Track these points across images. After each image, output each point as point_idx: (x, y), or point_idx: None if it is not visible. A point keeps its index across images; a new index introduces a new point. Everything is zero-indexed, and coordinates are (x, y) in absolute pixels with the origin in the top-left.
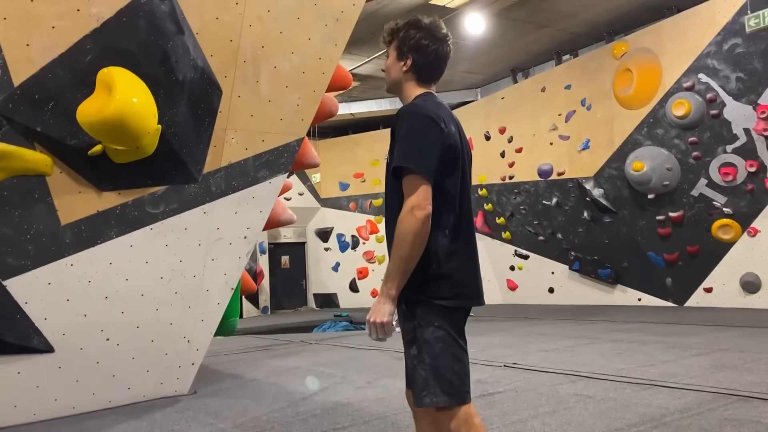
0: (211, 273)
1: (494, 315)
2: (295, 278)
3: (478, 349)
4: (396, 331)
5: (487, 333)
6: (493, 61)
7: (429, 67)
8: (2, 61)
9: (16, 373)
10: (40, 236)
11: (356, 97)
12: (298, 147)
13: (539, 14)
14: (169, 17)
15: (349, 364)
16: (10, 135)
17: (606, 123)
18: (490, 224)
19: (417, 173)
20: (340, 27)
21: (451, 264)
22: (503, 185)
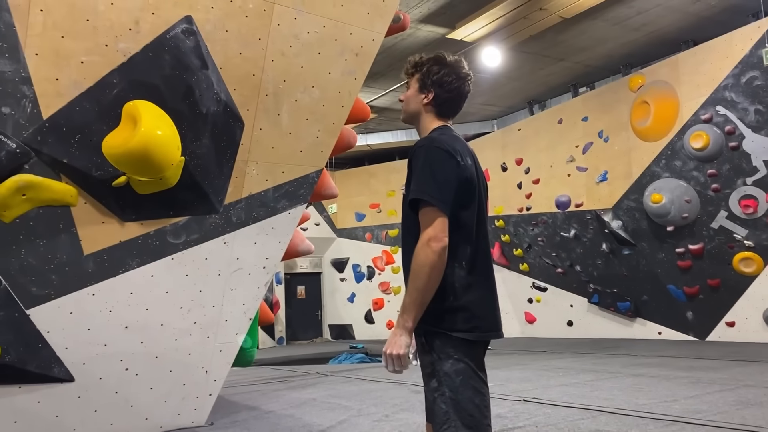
0: (230, 303)
1: (513, 348)
2: (311, 309)
3: (497, 383)
4: (413, 364)
5: (505, 366)
6: (509, 93)
7: (449, 102)
8: (32, 95)
9: (36, 402)
10: (63, 266)
11: (373, 129)
12: (317, 178)
13: (555, 48)
14: (194, 52)
15: (365, 396)
16: (38, 166)
17: (624, 155)
18: (508, 256)
19: (433, 205)
20: (359, 61)
21: (469, 296)
22: (520, 216)
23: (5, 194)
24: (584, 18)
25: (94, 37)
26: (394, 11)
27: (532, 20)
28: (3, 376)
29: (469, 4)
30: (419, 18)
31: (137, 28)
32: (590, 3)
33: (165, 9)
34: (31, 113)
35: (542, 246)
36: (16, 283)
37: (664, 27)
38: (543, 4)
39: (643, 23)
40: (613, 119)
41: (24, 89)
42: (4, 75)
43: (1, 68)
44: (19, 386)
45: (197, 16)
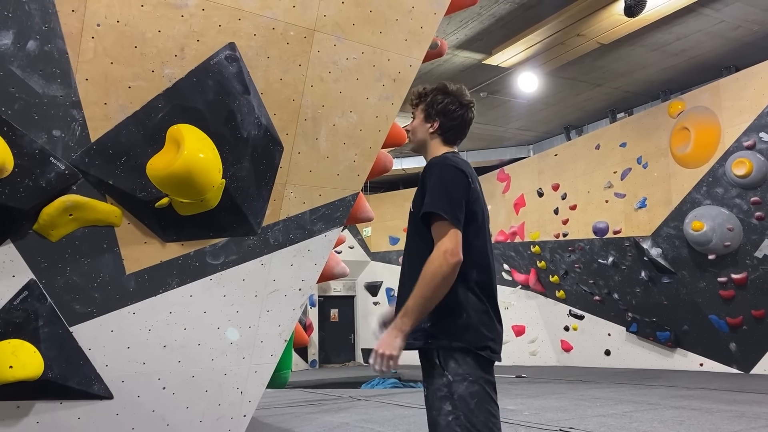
0: (265, 324)
1: (548, 377)
2: (344, 332)
3: (532, 412)
4: None
5: (540, 395)
6: (546, 118)
7: (455, 130)
8: (82, 118)
9: (76, 418)
10: (106, 284)
11: (408, 153)
12: (354, 201)
13: (593, 73)
14: (236, 78)
15: (399, 422)
16: (85, 187)
17: (663, 181)
18: (544, 282)
19: (447, 220)
20: (396, 87)
21: (482, 316)
22: (557, 243)
23: (53, 214)
24: (622, 44)
25: (141, 63)
26: (432, 38)
27: (570, 46)
28: (45, 392)
29: (505, 31)
30: (456, 44)
31: (182, 55)
32: (629, 29)
33: (209, 36)
34: (80, 136)
35: (579, 273)
36: (60, 300)
37: (704, 53)
38: (581, 30)
39: (683, 49)
40: (652, 145)
41: (74, 113)
42: (56, 99)
43: (54, 93)
44: (60, 402)
45: (240, 42)
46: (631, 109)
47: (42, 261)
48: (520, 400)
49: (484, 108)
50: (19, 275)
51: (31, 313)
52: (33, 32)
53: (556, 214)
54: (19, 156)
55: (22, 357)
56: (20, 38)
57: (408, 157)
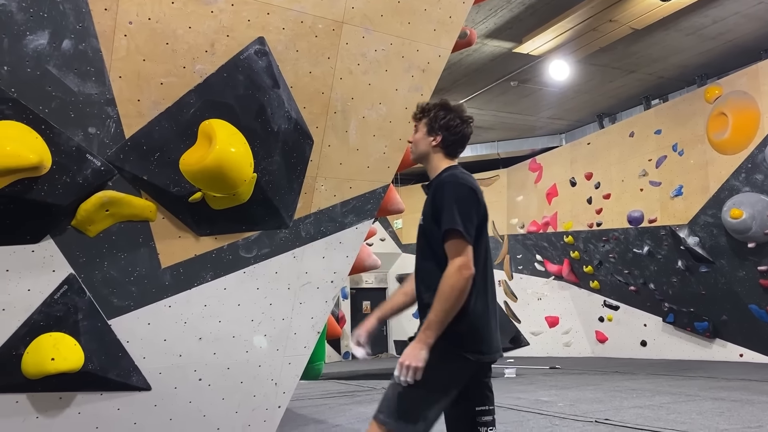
0: (299, 316)
1: (583, 368)
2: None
3: (566, 403)
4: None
5: (575, 386)
6: (578, 106)
7: (456, 144)
8: (116, 115)
9: (116, 409)
10: (142, 278)
11: None
12: (384, 193)
13: (626, 59)
14: (266, 72)
15: None
16: (120, 183)
17: (700, 168)
18: (577, 273)
19: (462, 237)
20: (426, 77)
21: (479, 322)
22: (590, 232)
23: (90, 210)
24: (656, 28)
25: (173, 59)
26: (461, 27)
27: (602, 32)
28: (86, 384)
29: (536, 18)
30: (485, 33)
31: (213, 50)
32: (663, 13)
33: (239, 31)
34: (114, 133)
35: (614, 263)
36: (99, 294)
37: (742, 36)
38: (613, 15)
39: (719, 32)
40: (688, 132)
41: (108, 110)
42: (91, 97)
43: (89, 91)
44: (100, 393)
45: (269, 37)
46: (666, 96)
47: (80, 256)
48: (554, 392)
49: (515, 97)
50: (59, 270)
51: (71, 306)
52: (68, 31)
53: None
54: (57, 153)
55: (63, 349)
56: (56, 38)
57: None
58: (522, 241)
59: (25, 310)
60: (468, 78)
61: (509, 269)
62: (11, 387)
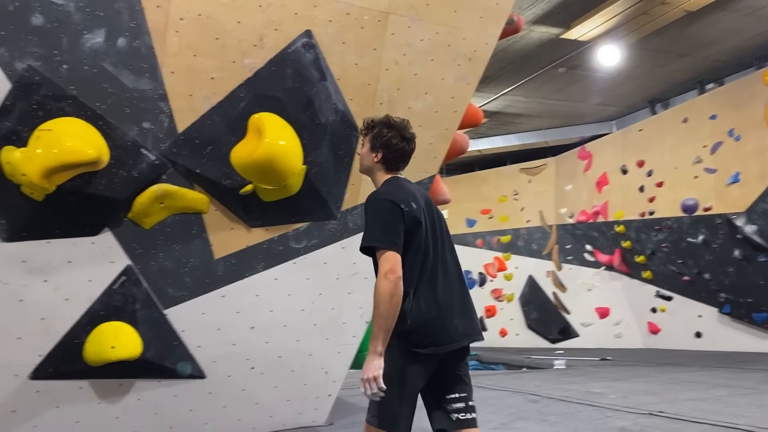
0: (347, 306)
1: (634, 360)
2: None
3: (619, 395)
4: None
5: (627, 378)
6: (629, 92)
7: (395, 160)
8: (169, 110)
9: (173, 396)
10: (196, 269)
11: (483, 134)
12: (430, 184)
13: (680, 43)
14: (313, 65)
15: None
16: (174, 176)
17: (758, 154)
18: (629, 263)
19: (384, 247)
20: (472, 66)
21: (425, 317)
22: (642, 221)
23: (146, 203)
24: (712, 10)
25: (223, 54)
26: (508, 14)
27: (654, 15)
28: (144, 371)
29: (584, 3)
30: (533, 19)
31: (261, 44)
32: None
33: (286, 25)
34: (167, 127)
35: (667, 252)
36: (155, 284)
37: None
38: None
39: None
40: (745, 116)
41: (162, 105)
42: (145, 93)
43: (143, 87)
44: (158, 381)
45: (316, 29)
46: (722, 79)
47: (137, 247)
48: (606, 383)
49: (563, 84)
50: (117, 261)
51: (129, 296)
52: (122, 29)
53: (642, 191)
54: (114, 148)
55: (122, 338)
56: (111, 36)
57: (484, 138)
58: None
59: (86, 299)
60: (515, 65)
61: (558, 260)
62: (75, 374)
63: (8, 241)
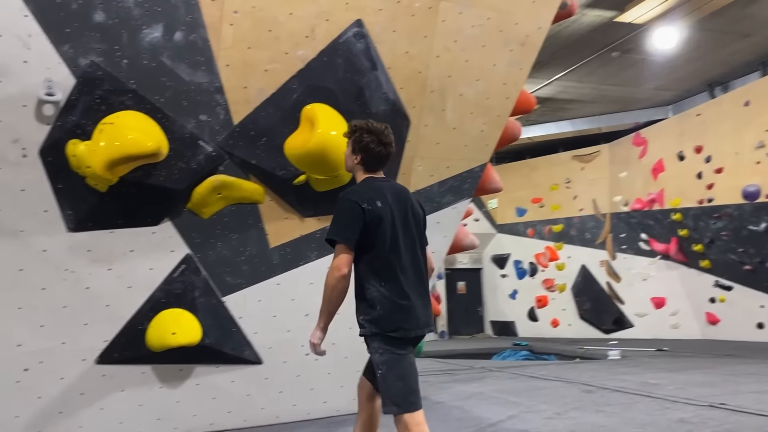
0: None
1: (692, 351)
2: (472, 304)
3: (677, 387)
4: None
5: (685, 370)
6: (686, 75)
7: (372, 162)
8: (225, 102)
9: (230, 381)
10: (252, 258)
11: (534, 121)
12: (482, 172)
13: (741, 23)
14: (364, 54)
15: (534, 393)
16: (231, 168)
17: None
18: (686, 252)
19: (340, 243)
20: (525, 51)
21: (389, 306)
22: (701, 209)
23: (204, 193)
24: None
25: (276, 46)
26: None
27: None
28: (203, 357)
29: None
30: (586, 2)
31: (313, 35)
32: None
33: (338, 15)
34: (224, 119)
35: (726, 241)
36: (213, 272)
37: None
38: None
39: None
40: None
41: (218, 98)
42: (202, 86)
43: (199, 80)
44: (216, 366)
45: (367, 19)
46: None
47: (196, 237)
48: (662, 374)
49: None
50: (177, 250)
51: (188, 284)
52: (179, 24)
53: (700, 178)
54: (173, 140)
55: (183, 324)
56: (168, 30)
57: (535, 124)
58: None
59: (148, 287)
60: (567, 50)
61: (612, 249)
62: (138, 359)
63: (75, 231)
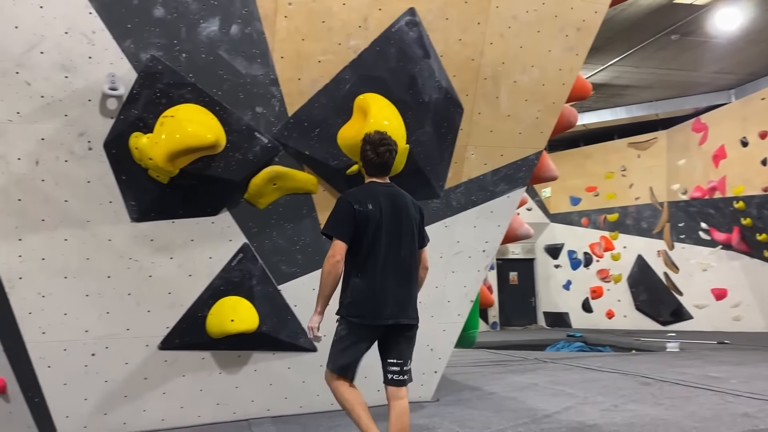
0: (451, 285)
1: (756, 344)
2: (524, 295)
3: (740, 380)
4: (322, 336)
5: (749, 363)
6: (750, 58)
7: (371, 168)
8: (280, 94)
9: (287, 368)
10: (306, 247)
11: (589, 107)
12: (537, 160)
13: None
14: (417, 43)
15: (590, 385)
16: (285, 158)
17: None
18: (749, 241)
19: (334, 235)
20: (581, 36)
21: (361, 296)
22: (765, 197)
23: (260, 184)
24: None
25: (329, 37)
26: None
27: None
28: (261, 343)
29: None
30: None
31: (366, 25)
32: None
33: (390, 4)
34: (278, 111)
35: None
36: (269, 261)
37: None
38: None
39: None
40: None
41: (273, 90)
42: (257, 78)
43: (255, 72)
44: (273, 353)
45: (419, 6)
46: None
47: (252, 226)
48: (725, 368)
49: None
50: (235, 239)
51: (246, 273)
52: (235, 17)
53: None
54: (230, 132)
55: (241, 312)
56: (225, 24)
57: (589, 111)
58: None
59: (207, 276)
60: (623, 34)
61: (670, 238)
62: (198, 345)
63: (138, 221)
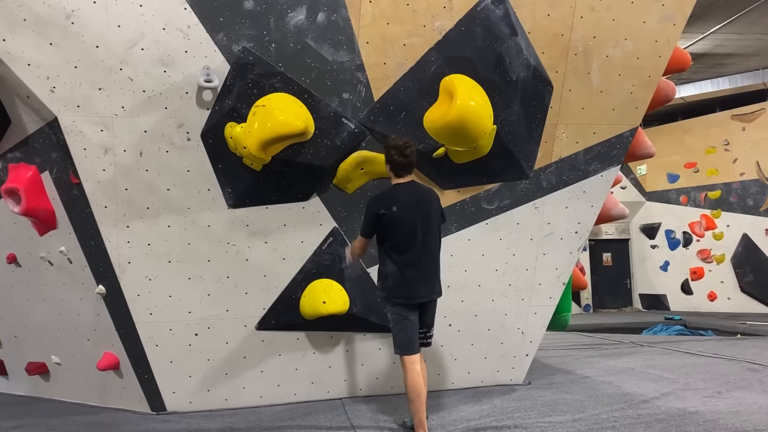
0: (542, 267)
1: None
2: (618, 277)
3: None
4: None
5: None
6: None
7: (396, 169)
8: (365, 79)
9: (377, 348)
10: None
11: (687, 79)
12: (632, 137)
13: None
14: (503, 20)
15: (691, 370)
16: (372, 143)
17: None
18: None
19: (360, 234)
20: (679, 4)
21: (395, 280)
22: None
23: (348, 169)
24: None
25: (414, 19)
26: None
27: None
28: (351, 324)
29: None
30: None
31: (450, 5)
32: None
33: None
34: (365, 96)
35: None
36: None
37: None
38: None
39: None
40: None
41: (359, 75)
42: (344, 64)
43: (341, 59)
44: (363, 334)
45: None
46: None
47: (341, 211)
48: None
49: None
50: (325, 224)
51: (336, 256)
52: (321, 5)
53: None
54: (318, 119)
55: (332, 294)
56: (312, 12)
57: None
58: None
59: (300, 259)
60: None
61: None
62: (293, 326)
63: (234, 207)
